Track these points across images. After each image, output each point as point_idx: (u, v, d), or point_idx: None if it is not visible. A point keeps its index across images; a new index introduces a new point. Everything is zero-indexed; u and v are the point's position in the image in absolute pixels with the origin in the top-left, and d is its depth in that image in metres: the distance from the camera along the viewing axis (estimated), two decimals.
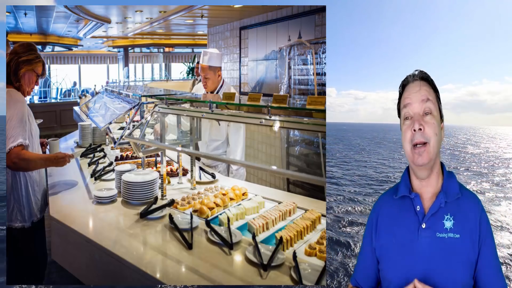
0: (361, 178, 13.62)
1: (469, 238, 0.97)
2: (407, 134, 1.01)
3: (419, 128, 0.98)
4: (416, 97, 1.01)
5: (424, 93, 1.01)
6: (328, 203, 9.42)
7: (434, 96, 1.02)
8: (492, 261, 0.99)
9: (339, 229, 7.38)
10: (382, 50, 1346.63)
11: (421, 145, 0.98)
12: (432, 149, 0.98)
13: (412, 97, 1.01)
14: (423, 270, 0.97)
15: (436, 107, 1.01)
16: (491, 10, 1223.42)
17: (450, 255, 0.96)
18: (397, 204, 1.06)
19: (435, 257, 0.97)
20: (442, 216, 0.99)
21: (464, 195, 1.03)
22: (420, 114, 1.00)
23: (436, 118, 1.01)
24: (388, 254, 1.04)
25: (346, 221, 7.83)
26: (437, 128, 1.00)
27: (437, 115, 1.01)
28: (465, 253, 0.96)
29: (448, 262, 0.96)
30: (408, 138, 1.00)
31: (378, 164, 17.96)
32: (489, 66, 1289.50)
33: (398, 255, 1.02)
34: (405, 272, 0.99)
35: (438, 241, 0.97)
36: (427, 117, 1.00)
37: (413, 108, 1.01)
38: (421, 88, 1.01)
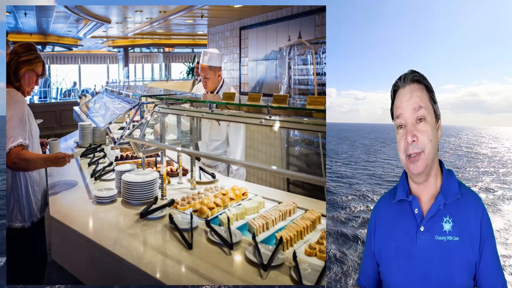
0: (371, 177, 13.65)
1: (469, 240, 0.95)
2: (401, 143, 0.99)
3: (413, 140, 0.97)
4: (408, 106, 0.98)
5: (415, 100, 0.97)
6: (342, 202, 9.48)
7: (427, 98, 0.99)
8: (494, 260, 0.98)
9: (355, 228, 7.43)
10: (383, 50, 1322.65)
11: (416, 154, 0.97)
12: (428, 155, 0.97)
13: (403, 107, 0.98)
14: (421, 273, 0.96)
15: (429, 110, 0.98)
16: (491, 11, 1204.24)
17: (449, 258, 0.95)
18: (395, 208, 1.06)
19: (433, 260, 0.96)
20: (441, 219, 0.98)
21: (464, 194, 1.00)
22: (413, 123, 0.98)
23: (431, 122, 0.98)
24: (387, 258, 1.04)
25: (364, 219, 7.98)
26: (432, 133, 0.97)
27: (431, 118, 0.98)
28: (464, 255, 0.95)
29: (447, 265, 0.95)
30: (402, 148, 0.99)
31: (385, 163, 18.00)
32: (489, 67, 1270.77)
33: (397, 258, 1.01)
34: (404, 275, 0.99)
35: (436, 244, 0.96)
36: (420, 125, 0.97)
37: (405, 117, 0.98)
38: (412, 95, 0.98)
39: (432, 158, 0.98)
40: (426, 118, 0.97)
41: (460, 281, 0.95)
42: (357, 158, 20.68)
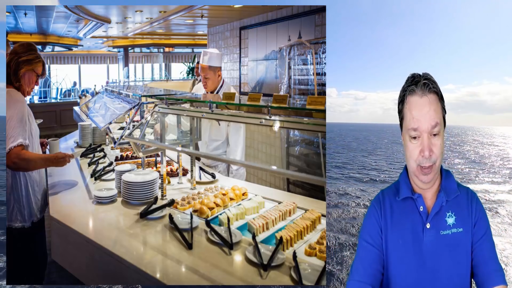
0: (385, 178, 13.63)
1: (470, 228, 1.01)
2: (414, 153, 0.99)
3: (430, 155, 0.97)
4: (426, 121, 0.96)
5: (432, 115, 0.96)
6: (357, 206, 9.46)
7: (440, 110, 0.99)
8: (490, 246, 1.02)
9: None
10: (383, 50, 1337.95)
11: (429, 167, 0.99)
12: (438, 166, 1.00)
13: (421, 120, 0.96)
14: (431, 269, 0.99)
15: (441, 123, 0.99)
16: (491, 11, 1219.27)
17: (455, 249, 0.99)
18: (399, 206, 1.06)
19: (441, 254, 0.99)
20: (444, 214, 1.01)
21: (462, 191, 1.06)
22: (429, 137, 0.98)
23: (442, 134, 0.99)
24: (394, 257, 1.04)
25: None
26: (442, 144, 0.99)
27: (442, 130, 0.99)
28: (468, 244, 1.00)
29: (454, 257, 0.99)
30: (415, 157, 0.99)
31: (393, 165, 18.01)
32: (489, 67, 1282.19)
33: (405, 256, 1.02)
34: (414, 273, 1.00)
35: (442, 239, 1.00)
36: (434, 139, 0.98)
37: (422, 130, 0.97)
38: (430, 109, 0.96)
39: (439, 166, 1.01)
40: (440, 132, 0.98)
41: (467, 271, 1.00)
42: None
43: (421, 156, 0.98)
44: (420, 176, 1.00)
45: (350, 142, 33.82)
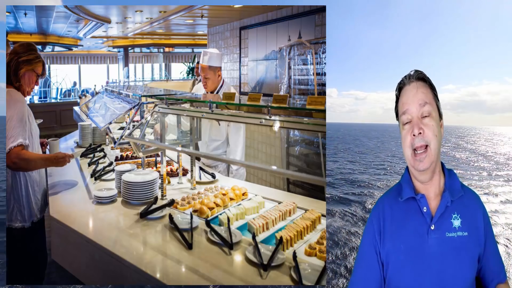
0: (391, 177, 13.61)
1: (476, 234, 0.99)
2: (407, 139, 1.00)
3: (419, 132, 0.97)
4: (414, 101, 0.99)
5: (421, 96, 0.99)
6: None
7: (431, 95, 1.01)
8: (495, 250, 1.03)
9: None
10: (383, 50, 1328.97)
11: (422, 150, 0.98)
12: (433, 151, 0.98)
13: (409, 102, 1.00)
14: (435, 272, 0.96)
15: (434, 107, 1.00)
16: (491, 11, 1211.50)
17: (460, 253, 0.97)
18: (401, 207, 1.03)
19: (446, 257, 0.96)
20: (449, 216, 0.99)
21: (466, 192, 1.04)
22: (419, 117, 0.99)
23: (435, 118, 1.00)
24: (397, 260, 1.00)
25: None
26: (437, 129, 0.99)
27: (435, 115, 1.00)
28: (472, 249, 0.98)
29: (459, 260, 0.97)
30: (408, 142, 0.99)
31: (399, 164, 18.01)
32: (489, 67, 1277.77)
33: (408, 259, 0.98)
34: (418, 277, 0.96)
35: (448, 241, 0.97)
36: (425, 120, 0.99)
37: (411, 112, 1.00)
38: (417, 91, 1.00)
39: (436, 154, 0.99)
40: (431, 114, 0.99)
41: (471, 274, 0.98)
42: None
43: (412, 136, 0.98)
44: (415, 163, 0.98)
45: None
